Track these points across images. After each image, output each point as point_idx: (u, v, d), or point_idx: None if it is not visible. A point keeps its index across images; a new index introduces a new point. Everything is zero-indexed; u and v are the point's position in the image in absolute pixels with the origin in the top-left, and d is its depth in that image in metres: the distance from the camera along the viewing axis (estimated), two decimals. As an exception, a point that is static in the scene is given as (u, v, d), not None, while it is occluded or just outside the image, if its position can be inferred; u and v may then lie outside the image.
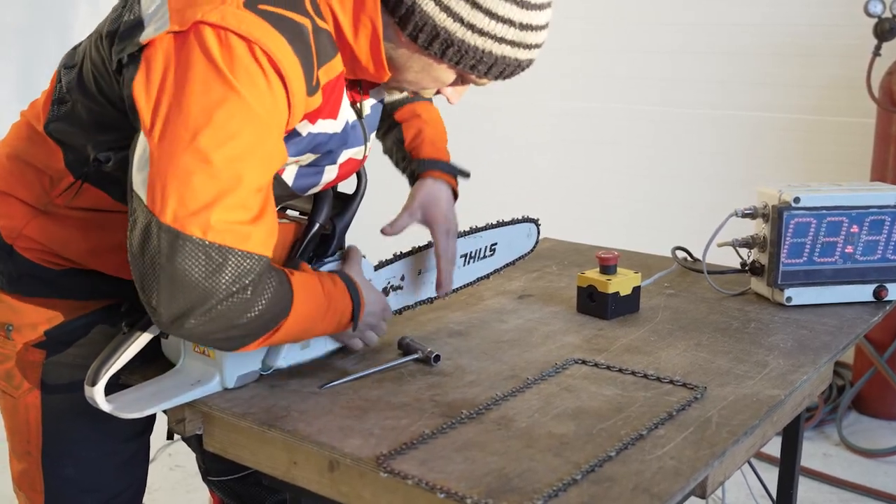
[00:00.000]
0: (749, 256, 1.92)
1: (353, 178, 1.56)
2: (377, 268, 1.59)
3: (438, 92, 1.41)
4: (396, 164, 1.81)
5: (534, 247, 1.90)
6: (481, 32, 1.25)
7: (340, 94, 1.35)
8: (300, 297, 1.30)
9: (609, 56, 4.30)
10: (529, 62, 1.35)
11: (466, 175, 1.77)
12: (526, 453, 1.21)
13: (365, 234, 1.74)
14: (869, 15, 3.18)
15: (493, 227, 1.79)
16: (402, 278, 1.64)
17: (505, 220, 1.84)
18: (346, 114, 1.40)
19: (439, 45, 1.27)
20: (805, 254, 1.84)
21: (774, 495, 1.98)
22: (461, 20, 1.24)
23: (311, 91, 1.25)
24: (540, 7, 1.29)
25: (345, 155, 1.44)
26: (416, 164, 1.75)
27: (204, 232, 1.15)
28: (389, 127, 1.83)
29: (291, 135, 1.30)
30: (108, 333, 1.45)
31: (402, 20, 1.26)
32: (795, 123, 3.87)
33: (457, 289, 1.74)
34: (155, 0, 1.23)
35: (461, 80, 1.36)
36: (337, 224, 1.54)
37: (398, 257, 1.64)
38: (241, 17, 1.16)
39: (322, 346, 1.54)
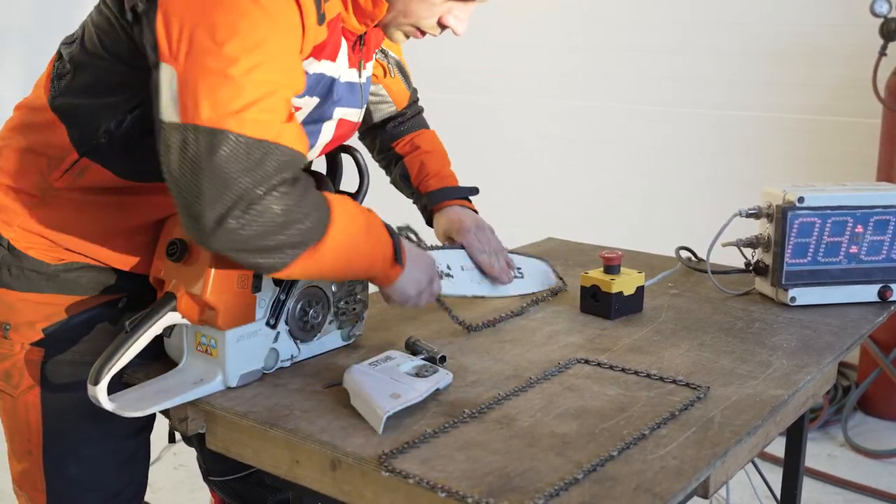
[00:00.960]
0: (753, 256, 1.92)
1: (356, 175, 1.55)
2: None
3: (443, 27, 1.42)
4: (408, 196, 1.91)
5: (552, 290, 1.92)
6: None
7: (339, 38, 1.38)
8: (339, 210, 1.29)
9: (614, 56, 4.30)
10: None
11: (475, 192, 1.85)
12: (528, 453, 1.21)
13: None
14: (875, 15, 3.18)
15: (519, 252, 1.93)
16: (449, 267, 1.71)
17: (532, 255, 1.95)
18: (344, 66, 1.43)
19: None
20: (809, 254, 1.83)
21: (779, 496, 1.97)
22: None
23: (321, 19, 1.28)
24: None
25: (339, 112, 1.47)
26: (426, 198, 1.84)
27: (240, 127, 1.16)
28: (392, 160, 1.91)
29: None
30: (107, 330, 1.45)
31: None
32: (801, 123, 3.86)
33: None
34: None
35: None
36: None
37: (439, 247, 1.72)
38: None
39: (329, 343, 1.55)
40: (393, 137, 1.89)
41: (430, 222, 1.88)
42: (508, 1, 4.52)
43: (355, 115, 1.51)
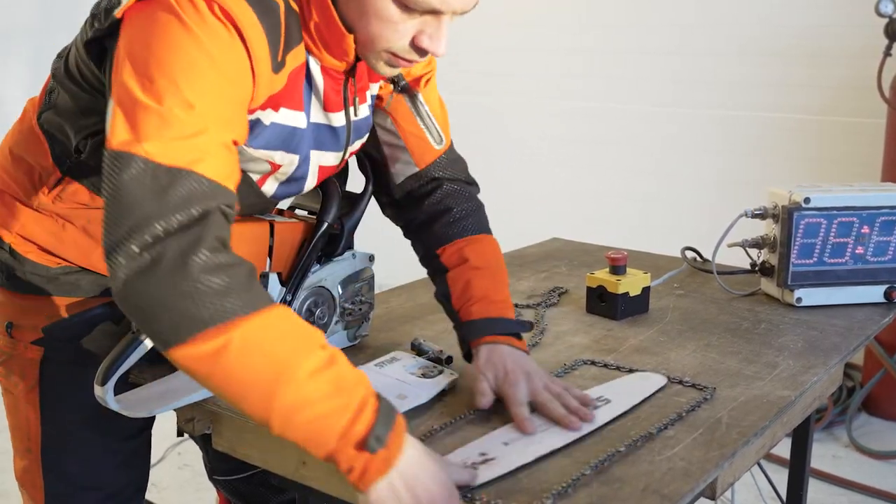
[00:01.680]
0: (759, 257, 1.91)
1: (361, 176, 1.55)
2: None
3: (423, 54, 1.27)
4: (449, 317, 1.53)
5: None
6: None
7: (301, 86, 1.30)
8: (276, 315, 1.04)
9: (618, 57, 4.29)
10: None
11: (527, 328, 1.46)
12: (535, 454, 1.20)
13: (370, 233, 1.74)
14: (880, 15, 3.17)
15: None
16: (483, 454, 1.21)
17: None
18: (317, 111, 1.35)
19: None
20: (815, 254, 1.83)
21: (784, 497, 1.97)
22: None
23: (277, 67, 1.21)
24: None
25: (314, 157, 1.37)
26: (464, 329, 1.45)
27: (152, 153, 1.05)
28: (436, 272, 1.54)
29: (255, 124, 1.26)
30: (108, 331, 1.45)
31: None
32: (806, 124, 3.86)
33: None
34: None
35: (404, 7, 1.21)
36: (345, 223, 1.54)
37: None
38: None
39: (335, 343, 1.54)
40: (440, 241, 1.53)
41: (468, 357, 1.46)
42: (511, 2, 4.52)
43: (334, 157, 1.42)
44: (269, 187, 1.37)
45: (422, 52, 1.24)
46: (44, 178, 1.42)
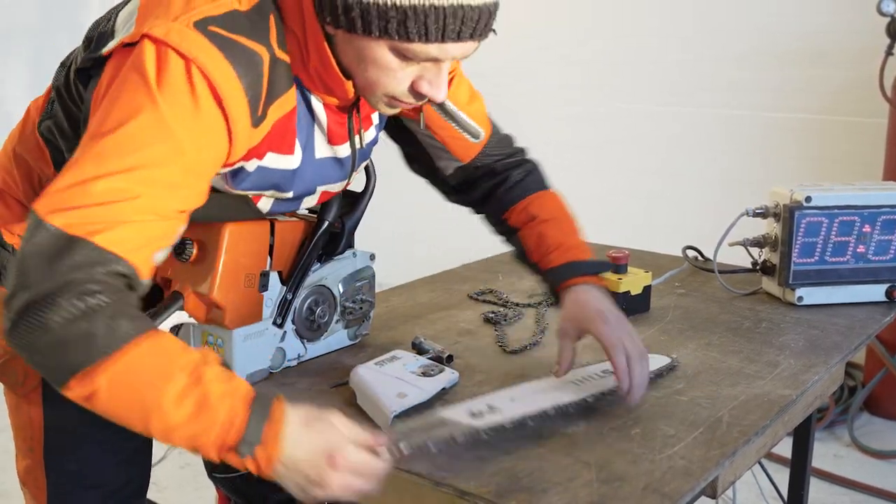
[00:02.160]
0: (760, 256, 1.91)
1: (363, 175, 1.55)
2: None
3: (423, 98, 1.25)
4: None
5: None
6: None
7: (293, 129, 1.28)
8: (148, 345, 1.06)
9: (619, 56, 4.29)
10: (459, 8, 1.14)
11: (605, 267, 1.53)
12: (536, 452, 1.20)
13: (373, 232, 1.74)
14: (882, 14, 3.16)
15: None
16: (491, 406, 1.27)
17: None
18: (321, 146, 1.34)
19: (345, 17, 1.15)
20: (816, 253, 1.83)
21: (785, 496, 1.97)
22: None
23: (257, 122, 1.20)
24: None
25: (319, 189, 1.40)
26: (550, 277, 1.47)
27: (63, 224, 1.06)
28: (508, 234, 1.57)
29: (238, 171, 1.27)
30: None
31: (318, 7, 1.18)
32: (807, 123, 3.85)
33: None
34: (129, 14, 1.23)
35: (402, 57, 1.19)
36: (346, 222, 1.54)
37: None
38: (185, 35, 1.13)
39: (336, 342, 1.55)
40: (503, 207, 1.56)
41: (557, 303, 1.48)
42: (515, 8, 4.51)
43: (338, 186, 1.43)
44: (265, 204, 1.37)
45: (421, 96, 1.24)
46: (44, 182, 1.42)
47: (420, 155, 1.55)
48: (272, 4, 1.22)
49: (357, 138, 1.38)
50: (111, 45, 1.19)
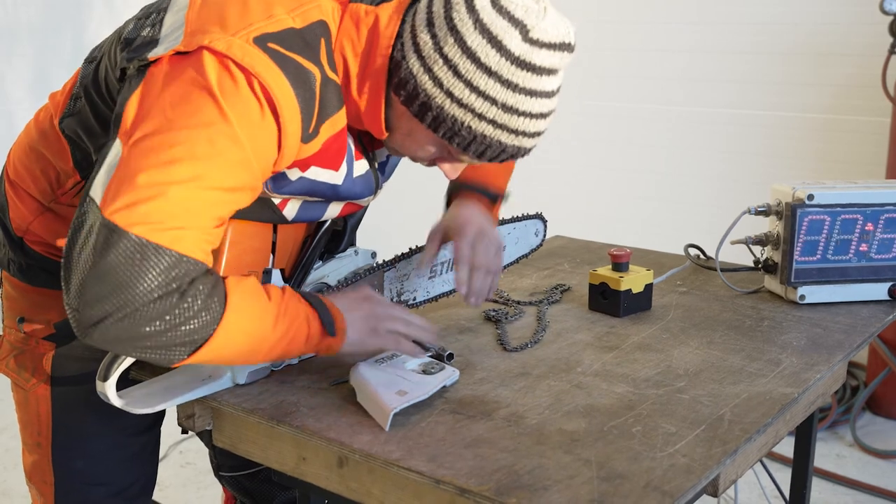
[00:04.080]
0: (762, 254, 1.91)
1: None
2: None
3: (435, 164, 1.36)
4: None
5: (541, 243, 1.90)
6: (460, 103, 1.21)
7: (343, 147, 1.32)
8: (238, 304, 1.21)
9: (622, 55, 4.29)
10: (518, 149, 1.28)
11: (504, 197, 1.64)
12: (536, 450, 1.20)
13: (374, 232, 1.74)
14: (885, 12, 3.16)
15: (500, 223, 1.78)
16: (399, 294, 1.61)
17: (512, 218, 1.83)
18: (355, 166, 1.38)
19: (419, 106, 1.23)
20: (819, 251, 1.82)
21: (787, 495, 1.97)
22: (440, 85, 1.21)
23: (307, 139, 1.24)
24: (531, 93, 1.22)
25: (346, 202, 1.44)
26: (450, 186, 1.63)
27: (142, 230, 1.12)
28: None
29: (278, 177, 1.29)
30: None
31: (392, 72, 1.24)
32: (810, 122, 3.85)
33: None
34: (176, 24, 1.24)
35: (447, 152, 1.31)
36: (348, 220, 1.54)
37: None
38: (246, 51, 1.16)
39: None
40: None
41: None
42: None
43: (366, 200, 1.46)
44: (290, 211, 1.38)
45: (433, 164, 1.36)
46: (62, 179, 1.42)
47: None
48: (326, 30, 1.25)
49: (373, 155, 1.42)
50: (158, 52, 1.20)
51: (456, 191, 1.62)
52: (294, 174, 1.29)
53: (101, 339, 1.15)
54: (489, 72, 1.19)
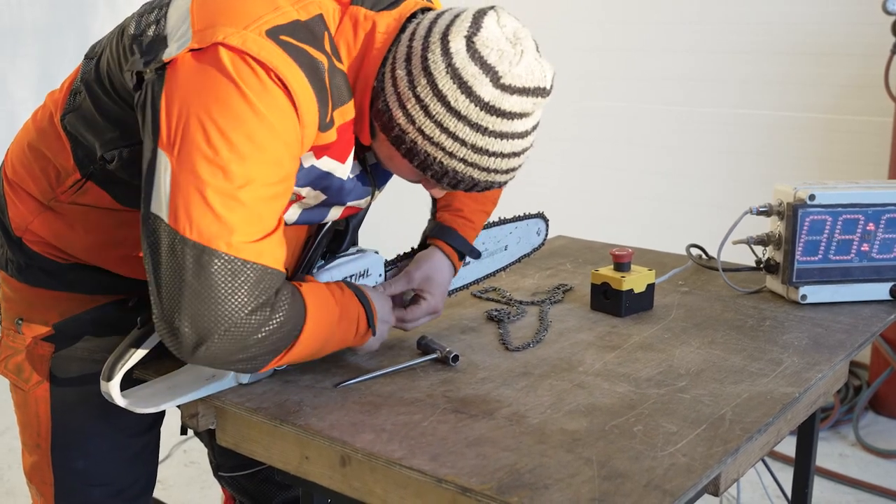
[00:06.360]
0: (764, 254, 1.91)
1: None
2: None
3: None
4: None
5: (543, 242, 1.90)
6: (431, 141, 1.23)
7: (351, 140, 1.33)
8: (313, 308, 1.29)
9: (624, 55, 4.29)
10: (491, 184, 1.30)
11: (475, 255, 1.67)
12: (538, 449, 1.21)
13: (374, 230, 1.74)
14: (887, 12, 3.15)
15: (502, 223, 1.80)
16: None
17: (514, 217, 1.84)
18: (354, 166, 1.38)
19: (394, 138, 1.26)
20: (820, 251, 1.83)
21: (789, 495, 1.97)
22: (413, 122, 1.23)
23: (325, 127, 1.25)
24: (501, 136, 1.24)
25: (348, 203, 1.45)
26: (430, 225, 1.65)
27: (229, 247, 1.16)
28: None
29: None
30: (116, 328, 1.46)
31: (374, 99, 1.27)
32: (812, 122, 3.85)
33: (469, 284, 1.77)
34: (180, 19, 1.24)
35: (424, 179, 1.33)
36: (350, 220, 1.54)
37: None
38: (262, 45, 1.17)
39: None
40: None
41: (422, 245, 1.65)
42: (523, 4, 4.51)
43: (365, 202, 1.48)
44: (292, 215, 1.39)
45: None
46: (62, 177, 1.42)
47: None
48: (326, 26, 1.26)
49: (364, 156, 1.41)
50: (171, 51, 1.20)
51: (432, 234, 1.63)
52: (307, 160, 1.30)
53: (206, 356, 1.20)
54: (458, 115, 1.21)
